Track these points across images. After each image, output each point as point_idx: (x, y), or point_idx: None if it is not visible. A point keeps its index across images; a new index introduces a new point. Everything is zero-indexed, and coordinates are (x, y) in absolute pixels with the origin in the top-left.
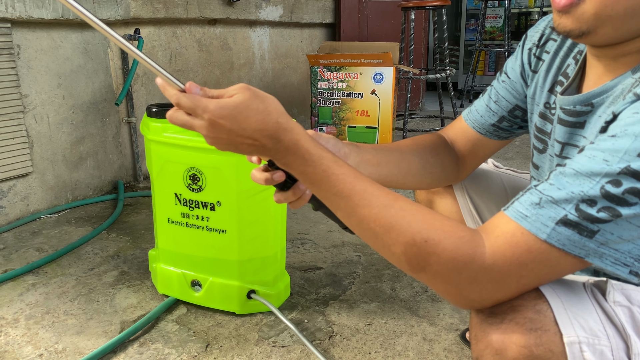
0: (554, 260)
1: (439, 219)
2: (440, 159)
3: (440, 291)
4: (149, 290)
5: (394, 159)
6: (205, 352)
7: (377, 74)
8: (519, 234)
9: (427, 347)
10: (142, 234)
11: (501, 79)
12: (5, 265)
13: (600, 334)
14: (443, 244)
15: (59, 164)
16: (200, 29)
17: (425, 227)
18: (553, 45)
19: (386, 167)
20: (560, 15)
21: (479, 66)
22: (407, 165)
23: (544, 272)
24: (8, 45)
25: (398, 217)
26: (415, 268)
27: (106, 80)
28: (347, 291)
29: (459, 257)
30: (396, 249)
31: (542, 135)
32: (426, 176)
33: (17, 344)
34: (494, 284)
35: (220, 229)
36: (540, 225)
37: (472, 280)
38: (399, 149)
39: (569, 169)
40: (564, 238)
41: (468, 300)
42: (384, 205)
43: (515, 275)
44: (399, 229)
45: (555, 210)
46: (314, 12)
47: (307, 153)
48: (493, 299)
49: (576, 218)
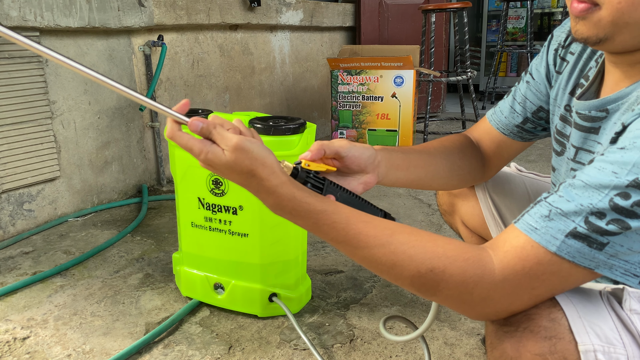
0: (564, 272)
1: (441, 245)
2: (468, 161)
3: (455, 310)
4: (173, 292)
5: (422, 163)
6: (228, 354)
7: (397, 77)
8: (529, 247)
9: (449, 351)
10: (166, 237)
11: (525, 80)
12: (34, 268)
13: (615, 342)
14: (449, 270)
15: (85, 168)
16: (222, 34)
17: (428, 257)
18: (578, 47)
19: (415, 170)
20: (577, 21)
21: (501, 68)
22: (435, 168)
23: (555, 283)
24: (37, 54)
25: (398, 253)
26: (426, 294)
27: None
28: (368, 295)
29: (467, 280)
30: (403, 282)
31: (561, 138)
32: (453, 178)
33: (46, 344)
34: (507, 297)
35: (243, 233)
36: (550, 238)
37: (484, 298)
38: (428, 151)
39: (578, 181)
40: (573, 250)
41: (484, 315)
42: (382, 244)
43: (526, 287)
44: (401, 264)
45: (564, 223)
46: (334, 15)
47: (294, 210)
48: (508, 311)
49: (585, 231)
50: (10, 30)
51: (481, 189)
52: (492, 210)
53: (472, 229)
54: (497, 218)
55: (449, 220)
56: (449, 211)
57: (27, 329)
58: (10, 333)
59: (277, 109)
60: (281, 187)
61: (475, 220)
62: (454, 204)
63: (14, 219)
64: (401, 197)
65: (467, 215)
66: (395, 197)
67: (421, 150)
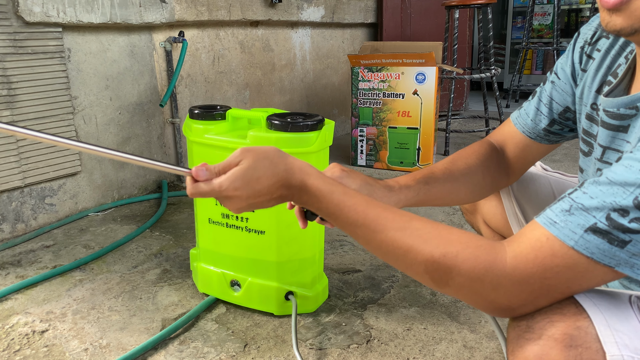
0: (581, 267)
1: (456, 233)
2: (491, 176)
3: (469, 302)
4: (190, 288)
5: (443, 195)
6: (244, 352)
7: (419, 74)
8: (544, 239)
9: (468, 354)
10: (184, 232)
11: (551, 80)
12: (54, 261)
13: None
14: (462, 255)
15: (106, 164)
16: (243, 30)
17: (441, 242)
18: (605, 43)
19: (434, 202)
20: (610, 13)
21: (526, 65)
22: (456, 195)
23: (570, 277)
24: (59, 49)
25: (414, 237)
26: (439, 283)
27: (151, 82)
28: (386, 295)
29: (478, 265)
30: (418, 268)
31: (588, 138)
32: (474, 197)
33: (64, 338)
34: (517, 286)
35: (259, 230)
36: (568, 232)
37: (495, 286)
38: (453, 176)
39: (603, 178)
40: (592, 246)
41: (498, 307)
42: (399, 228)
43: (538, 277)
44: (416, 248)
45: (585, 218)
46: (356, 12)
47: (317, 190)
48: (523, 305)
49: (606, 227)
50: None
51: (505, 188)
52: (515, 210)
53: (494, 229)
54: (521, 218)
55: (470, 219)
56: (470, 210)
57: (46, 322)
58: (30, 326)
59: (297, 106)
60: (306, 167)
61: (497, 219)
62: (476, 202)
63: (36, 212)
64: None
65: (489, 214)
66: None
67: (445, 177)
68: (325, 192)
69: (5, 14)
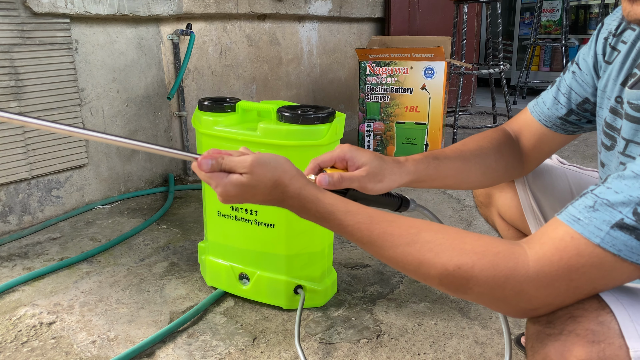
0: (607, 265)
1: (469, 241)
2: (504, 160)
3: (492, 308)
4: (198, 281)
5: (454, 172)
6: (252, 346)
7: (428, 68)
8: (569, 238)
9: (479, 350)
10: (192, 226)
11: (572, 70)
12: (61, 254)
13: None
14: (478, 266)
15: (113, 157)
16: (250, 24)
17: (455, 254)
18: (631, 35)
19: (444, 180)
20: (631, 3)
21: (534, 62)
22: (467, 174)
23: (596, 276)
24: (67, 40)
25: (424, 251)
26: (457, 293)
27: (158, 74)
28: (395, 290)
29: (499, 274)
30: (432, 281)
31: (611, 132)
32: (486, 180)
33: (72, 330)
34: (543, 290)
35: (269, 223)
36: (593, 229)
37: (518, 292)
38: (463, 156)
39: (628, 172)
40: (619, 243)
41: (522, 311)
42: (408, 243)
43: (564, 279)
44: (428, 262)
45: (610, 214)
46: (363, 6)
47: (317, 212)
48: (547, 306)
49: (633, 222)
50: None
51: (520, 180)
52: (531, 203)
53: (509, 222)
54: (537, 211)
55: (484, 212)
56: (485, 203)
57: (54, 314)
58: (37, 318)
59: (304, 101)
60: (304, 189)
61: (512, 212)
62: (491, 195)
63: (43, 205)
64: (429, 191)
65: (504, 207)
66: (423, 192)
67: (456, 156)
68: (325, 214)
69: (13, 4)
